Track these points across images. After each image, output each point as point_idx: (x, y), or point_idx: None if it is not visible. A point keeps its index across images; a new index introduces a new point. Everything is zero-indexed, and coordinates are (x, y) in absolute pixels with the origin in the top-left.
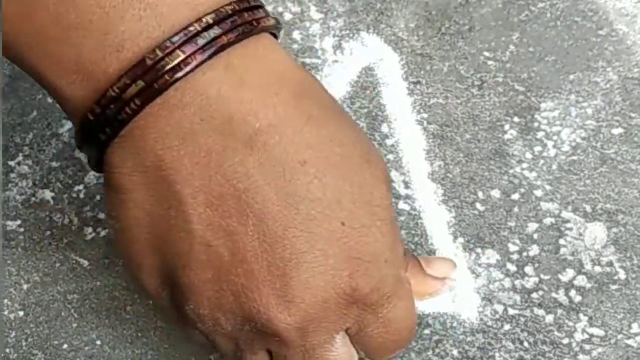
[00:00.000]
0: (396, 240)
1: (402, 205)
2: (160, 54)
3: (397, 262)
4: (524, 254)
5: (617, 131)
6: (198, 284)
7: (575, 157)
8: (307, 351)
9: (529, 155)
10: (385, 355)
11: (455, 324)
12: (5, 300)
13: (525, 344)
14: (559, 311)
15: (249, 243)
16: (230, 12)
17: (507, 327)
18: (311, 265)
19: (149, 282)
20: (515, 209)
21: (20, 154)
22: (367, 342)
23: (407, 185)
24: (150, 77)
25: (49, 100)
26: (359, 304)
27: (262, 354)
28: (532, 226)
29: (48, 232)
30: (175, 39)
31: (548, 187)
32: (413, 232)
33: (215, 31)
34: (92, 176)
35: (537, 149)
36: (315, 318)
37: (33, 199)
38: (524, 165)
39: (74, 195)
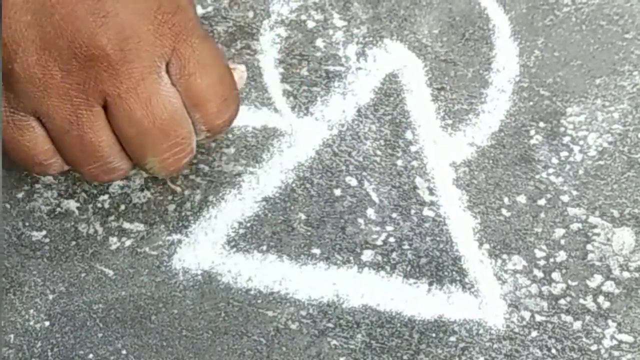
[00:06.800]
0: None
1: (426, 211)
2: None
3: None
4: (551, 260)
5: None
6: (20, 30)
7: (602, 162)
8: (137, 83)
9: (555, 161)
10: (216, 113)
11: (481, 331)
12: (31, 311)
13: (553, 350)
14: (587, 317)
15: None
16: None
17: (534, 334)
18: None
19: None
20: (542, 215)
21: None
22: (191, 87)
23: (431, 191)
24: None
25: None
26: (168, 25)
27: (98, 111)
28: (559, 232)
29: (73, 243)
30: None
31: (575, 193)
32: (438, 238)
33: None
34: (116, 186)
35: (564, 154)
36: (132, 35)
37: (58, 209)
38: (550, 170)
39: (99, 205)
